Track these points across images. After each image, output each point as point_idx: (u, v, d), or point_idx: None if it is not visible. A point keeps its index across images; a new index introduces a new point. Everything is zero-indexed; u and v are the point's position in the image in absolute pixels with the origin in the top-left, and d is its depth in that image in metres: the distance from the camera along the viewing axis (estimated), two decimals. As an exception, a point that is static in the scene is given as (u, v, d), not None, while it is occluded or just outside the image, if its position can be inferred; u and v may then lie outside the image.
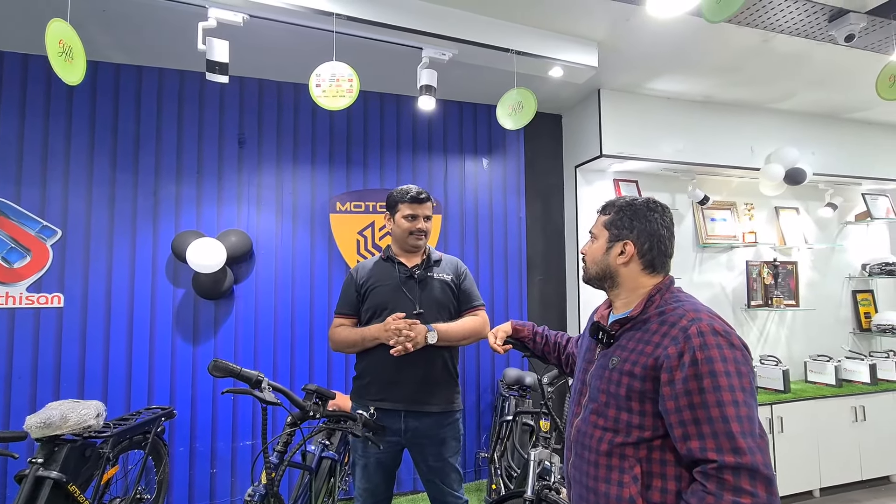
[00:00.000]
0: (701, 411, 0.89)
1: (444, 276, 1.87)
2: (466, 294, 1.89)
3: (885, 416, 3.32)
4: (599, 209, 1.24)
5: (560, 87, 3.02)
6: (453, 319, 1.85)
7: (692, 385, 0.91)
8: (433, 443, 1.76)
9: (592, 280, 1.22)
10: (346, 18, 2.02)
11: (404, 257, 1.87)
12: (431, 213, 1.90)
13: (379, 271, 1.86)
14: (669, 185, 3.52)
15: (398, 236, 1.87)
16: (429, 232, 1.87)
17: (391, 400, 1.73)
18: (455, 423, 1.82)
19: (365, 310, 1.83)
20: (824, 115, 3.59)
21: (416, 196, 1.83)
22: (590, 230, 1.24)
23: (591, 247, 1.21)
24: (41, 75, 2.54)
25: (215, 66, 1.93)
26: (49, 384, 2.50)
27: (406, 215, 1.83)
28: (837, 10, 2.19)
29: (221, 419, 2.72)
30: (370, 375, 1.77)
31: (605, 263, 1.16)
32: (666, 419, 0.95)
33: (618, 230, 1.15)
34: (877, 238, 4.08)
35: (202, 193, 2.78)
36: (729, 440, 0.86)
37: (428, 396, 1.74)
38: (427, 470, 1.79)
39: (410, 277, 1.82)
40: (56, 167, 2.57)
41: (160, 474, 2.38)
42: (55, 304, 2.53)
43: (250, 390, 1.40)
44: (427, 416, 1.74)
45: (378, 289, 1.82)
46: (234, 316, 2.79)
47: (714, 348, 0.93)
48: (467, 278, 1.92)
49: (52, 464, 1.78)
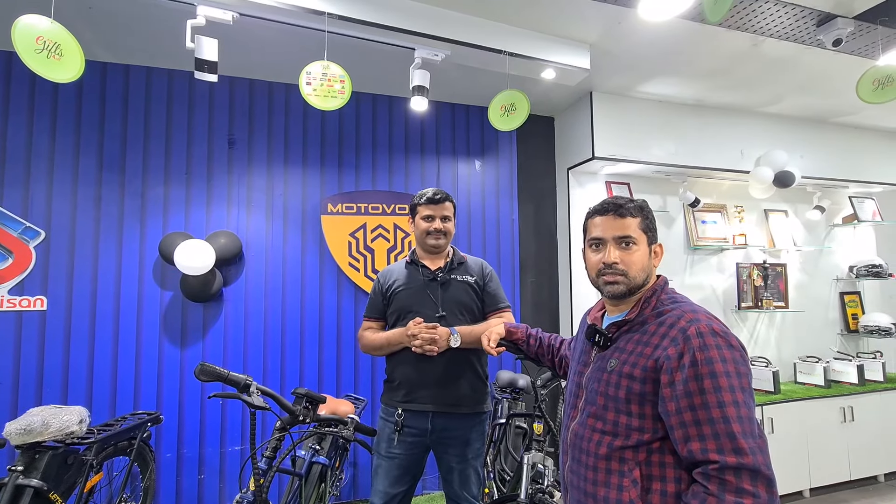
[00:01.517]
0: (702, 412, 0.89)
1: (467, 277, 1.87)
2: (491, 296, 1.89)
3: (872, 416, 3.35)
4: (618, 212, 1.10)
5: (552, 90, 3.03)
6: (477, 321, 1.84)
7: (692, 386, 0.91)
8: (458, 443, 1.76)
9: (635, 290, 1.09)
10: (337, 18, 2.00)
11: (427, 260, 1.88)
12: (451, 213, 1.89)
13: (403, 275, 1.87)
14: (661, 187, 3.54)
15: (418, 238, 1.89)
16: (449, 232, 1.87)
17: (418, 401, 1.74)
18: (481, 425, 1.83)
19: (390, 313, 1.86)
20: (812, 120, 3.64)
21: (433, 197, 1.85)
22: (620, 236, 1.09)
23: (632, 255, 1.08)
24: (25, 73, 2.48)
25: (204, 64, 1.90)
26: (31, 390, 2.44)
27: (424, 216, 1.85)
28: (825, 15, 2.22)
29: (209, 424, 2.67)
30: (399, 377, 1.79)
31: (649, 269, 1.11)
32: (666, 421, 0.95)
33: (651, 232, 1.13)
34: (863, 240, 4.14)
35: (191, 195, 2.74)
36: (730, 441, 0.86)
37: (456, 398, 1.75)
38: (447, 470, 1.79)
39: (433, 280, 1.83)
40: (40, 167, 2.51)
41: (146, 481, 2.33)
42: (38, 307, 2.47)
43: (238, 394, 1.37)
44: (455, 417, 1.75)
45: (402, 292, 1.83)
46: (224, 319, 2.75)
47: (714, 349, 0.93)
48: (492, 280, 1.91)
49: (32, 471, 1.74)
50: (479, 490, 1.81)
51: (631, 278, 1.08)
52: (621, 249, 1.09)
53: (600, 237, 1.12)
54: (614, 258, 1.09)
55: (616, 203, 1.12)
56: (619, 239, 1.10)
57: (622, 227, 1.09)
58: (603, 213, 1.13)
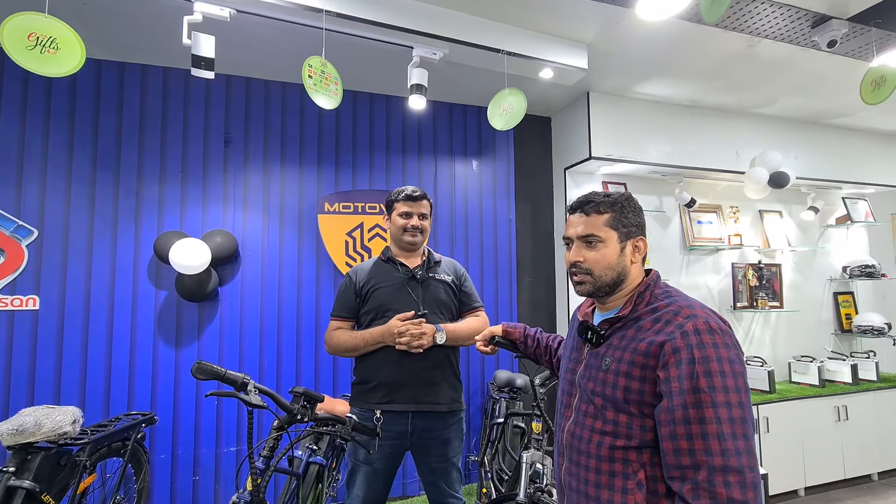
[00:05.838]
0: (693, 411, 0.88)
1: (444, 276, 1.87)
2: (468, 295, 1.91)
3: (866, 415, 3.38)
4: (583, 210, 1.10)
5: (550, 90, 3.03)
6: (455, 320, 1.86)
7: (687, 385, 0.89)
8: (439, 443, 1.75)
9: (604, 289, 1.07)
10: (335, 15, 2.00)
11: (404, 258, 1.86)
12: (429, 212, 1.88)
13: (380, 272, 1.83)
14: (657, 187, 3.56)
15: (394, 235, 1.86)
16: (425, 230, 1.86)
17: (399, 401, 1.70)
18: (459, 423, 1.82)
19: (365, 311, 1.80)
20: (806, 121, 3.67)
21: (411, 194, 1.84)
22: (582, 235, 1.08)
23: (597, 253, 1.07)
24: (18, 70, 2.45)
25: (201, 61, 1.89)
26: (23, 390, 2.40)
27: (401, 213, 1.83)
28: (820, 17, 2.24)
29: (205, 424, 2.65)
30: (376, 378, 1.74)
31: (621, 266, 1.07)
32: (656, 416, 0.93)
33: (626, 227, 1.08)
34: (856, 241, 4.17)
35: (186, 193, 2.72)
36: (720, 441, 0.85)
37: (435, 396, 1.73)
38: (429, 471, 1.77)
39: (413, 278, 1.81)
40: (33, 165, 2.48)
41: (140, 482, 2.30)
42: (30, 306, 2.43)
43: (235, 393, 1.36)
44: (435, 417, 1.73)
45: (380, 290, 1.79)
46: (219, 318, 2.72)
47: (711, 347, 0.91)
48: (467, 279, 1.94)
49: (24, 472, 1.71)
50: (460, 486, 1.82)
51: (596, 277, 1.07)
52: (586, 248, 1.08)
53: (569, 236, 1.12)
54: (576, 257, 1.09)
55: (583, 200, 1.11)
56: (582, 238, 1.09)
57: (586, 226, 1.08)
58: (573, 211, 1.13)
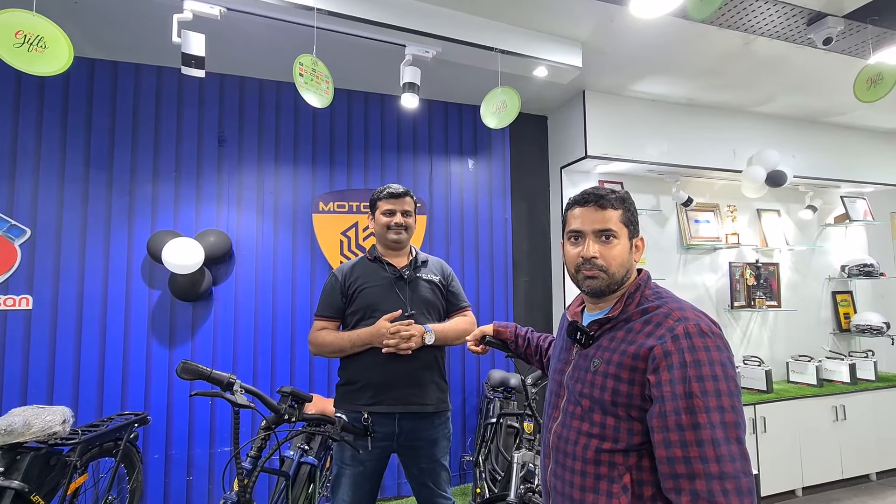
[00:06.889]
0: (686, 416, 0.86)
1: (432, 276, 1.85)
2: (455, 295, 1.90)
3: (864, 415, 3.36)
4: (598, 203, 1.04)
5: (545, 89, 3.02)
6: (442, 320, 1.86)
7: (679, 389, 0.87)
8: (426, 444, 1.74)
9: (613, 286, 1.03)
10: (326, 13, 1.98)
11: (391, 257, 1.85)
12: (412, 209, 1.86)
13: (366, 272, 1.81)
14: (654, 186, 3.54)
15: (379, 233, 1.85)
16: (409, 228, 1.84)
17: (387, 403, 1.69)
18: (446, 423, 1.81)
19: (352, 312, 1.78)
20: (804, 119, 3.65)
21: (393, 192, 1.82)
22: (600, 229, 1.03)
23: (613, 249, 1.02)
24: (10, 69, 2.43)
25: (191, 59, 1.88)
26: (15, 390, 2.40)
27: (384, 211, 1.82)
28: (816, 14, 2.22)
29: (198, 424, 2.64)
30: (362, 380, 1.71)
31: (630, 264, 1.05)
32: (648, 421, 0.91)
33: (633, 225, 1.06)
34: (855, 240, 4.15)
35: (180, 192, 2.71)
36: (715, 448, 0.83)
37: (423, 397, 1.72)
38: (418, 472, 1.76)
39: (400, 278, 1.80)
40: (25, 164, 2.47)
41: (133, 482, 2.29)
42: (23, 306, 2.43)
43: (221, 393, 1.35)
44: (422, 417, 1.72)
45: (367, 290, 1.77)
46: (213, 318, 2.72)
47: (702, 350, 0.89)
48: (454, 279, 1.93)
49: (13, 473, 1.71)
50: (448, 486, 1.81)
51: (611, 274, 1.02)
52: (601, 243, 1.03)
53: (579, 229, 1.05)
54: (593, 252, 1.02)
55: (597, 194, 1.06)
56: (598, 232, 1.03)
57: (603, 220, 1.03)
58: (583, 204, 1.06)
